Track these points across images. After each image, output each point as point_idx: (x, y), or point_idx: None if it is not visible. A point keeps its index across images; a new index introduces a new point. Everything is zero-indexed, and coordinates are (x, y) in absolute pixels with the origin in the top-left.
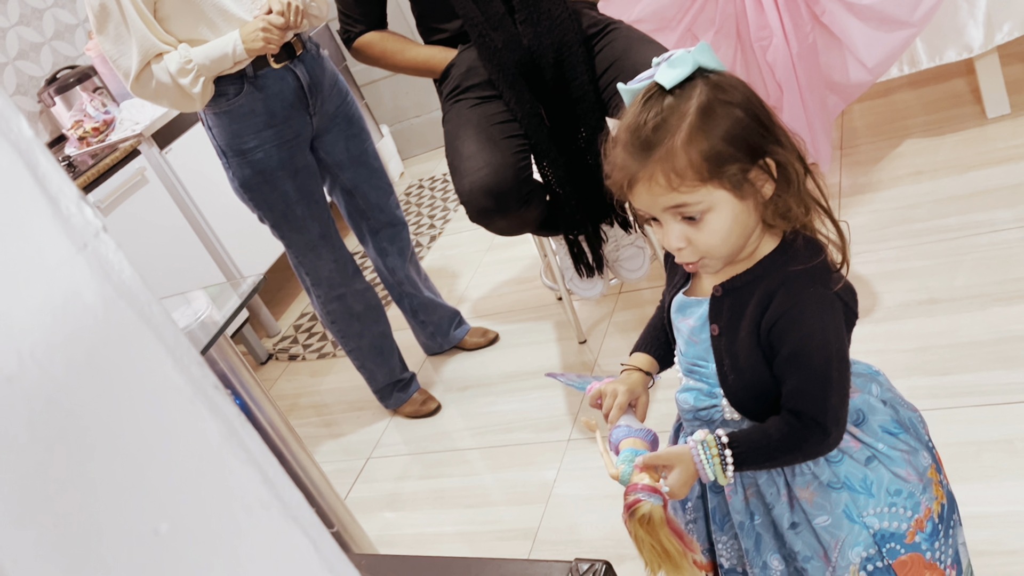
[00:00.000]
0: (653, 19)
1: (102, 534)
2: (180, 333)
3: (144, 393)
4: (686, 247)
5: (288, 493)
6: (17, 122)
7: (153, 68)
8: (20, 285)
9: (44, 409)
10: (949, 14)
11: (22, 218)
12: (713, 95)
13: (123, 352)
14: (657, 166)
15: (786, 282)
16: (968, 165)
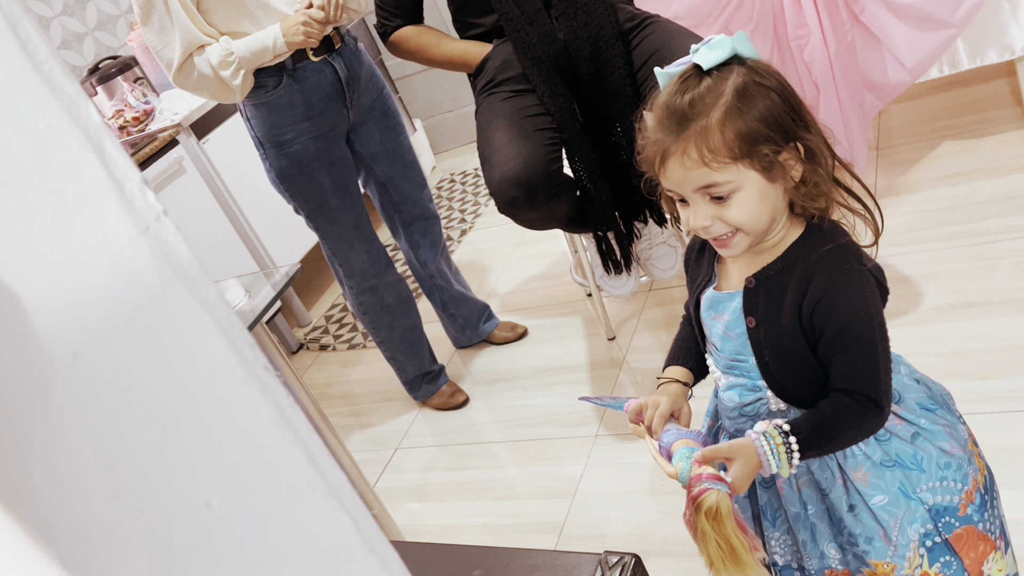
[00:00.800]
0: (689, 16)
1: (158, 506)
2: (234, 315)
3: (199, 372)
4: (713, 224)
5: (332, 474)
6: (87, 108)
7: (195, 60)
8: (87, 264)
9: (105, 385)
10: (991, 14)
11: (90, 200)
12: (750, 78)
13: (180, 332)
14: (691, 141)
15: (821, 262)
16: (1007, 168)
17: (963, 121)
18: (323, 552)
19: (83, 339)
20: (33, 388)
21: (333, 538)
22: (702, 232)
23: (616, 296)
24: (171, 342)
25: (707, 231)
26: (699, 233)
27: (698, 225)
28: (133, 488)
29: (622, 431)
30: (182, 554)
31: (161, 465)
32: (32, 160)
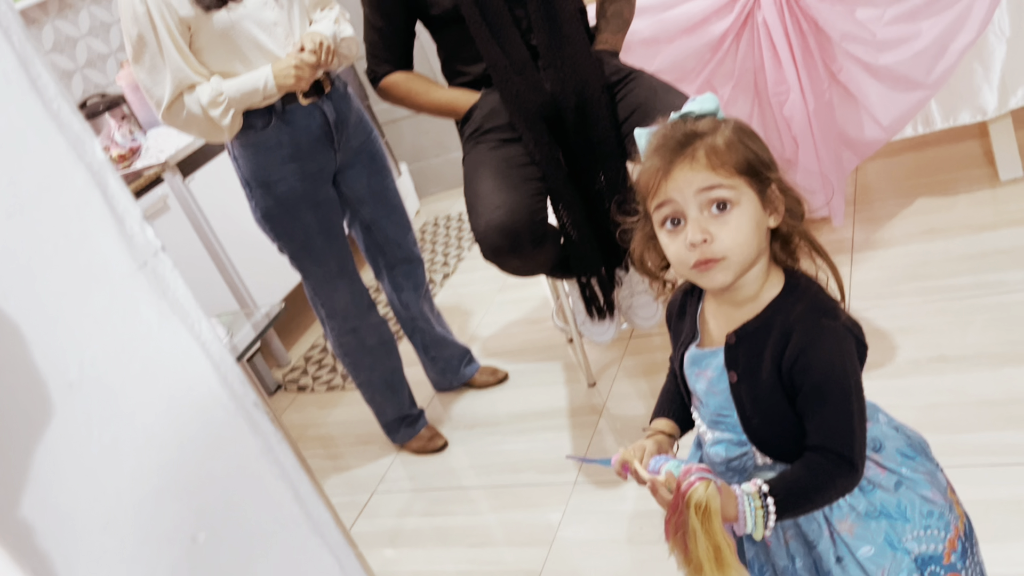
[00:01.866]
0: (672, 71)
1: (146, 538)
2: (225, 350)
3: (191, 406)
4: (709, 241)
5: (317, 512)
6: (92, 145)
7: (185, 99)
8: (86, 297)
9: (100, 416)
10: (964, 77)
11: (92, 234)
12: (740, 125)
13: (173, 365)
14: (699, 149)
15: (800, 319)
16: (980, 226)
17: (937, 179)
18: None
19: (79, 371)
20: (29, 417)
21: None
22: (691, 254)
23: (597, 343)
24: (165, 375)
25: (699, 251)
26: (686, 260)
27: (695, 239)
28: (123, 518)
29: (601, 479)
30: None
31: (152, 497)
32: (39, 194)
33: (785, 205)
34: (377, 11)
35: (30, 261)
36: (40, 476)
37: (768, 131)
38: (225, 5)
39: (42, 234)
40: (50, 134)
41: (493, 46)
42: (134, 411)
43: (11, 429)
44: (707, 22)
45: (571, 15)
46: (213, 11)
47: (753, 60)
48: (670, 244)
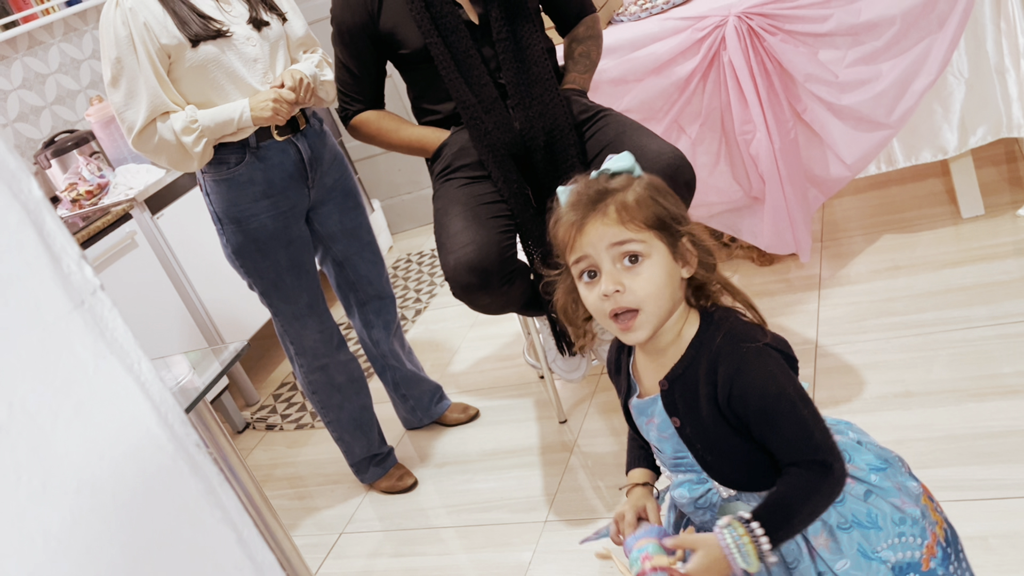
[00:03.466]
0: (641, 109)
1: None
2: (166, 391)
3: (128, 447)
4: (622, 292)
5: (262, 555)
6: (27, 183)
7: (158, 125)
8: (18, 338)
9: (29, 459)
10: (925, 117)
11: (25, 273)
12: (652, 183)
13: (109, 406)
14: (610, 206)
15: (720, 350)
16: (944, 262)
17: (901, 216)
18: None
19: (8, 413)
20: None
21: None
22: (606, 304)
23: (568, 380)
24: (101, 417)
25: (614, 300)
26: (603, 309)
27: (608, 290)
28: (52, 568)
29: (572, 516)
30: None
31: (84, 544)
32: None
33: (697, 257)
34: (347, 50)
35: None
36: None
37: (736, 169)
38: (214, 40)
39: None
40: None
41: (462, 85)
42: (67, 454)
43: None
44: (674, 62)
45: (539, 55)
46: (198, 45)
47: (720, 99)
48: (588, 295)
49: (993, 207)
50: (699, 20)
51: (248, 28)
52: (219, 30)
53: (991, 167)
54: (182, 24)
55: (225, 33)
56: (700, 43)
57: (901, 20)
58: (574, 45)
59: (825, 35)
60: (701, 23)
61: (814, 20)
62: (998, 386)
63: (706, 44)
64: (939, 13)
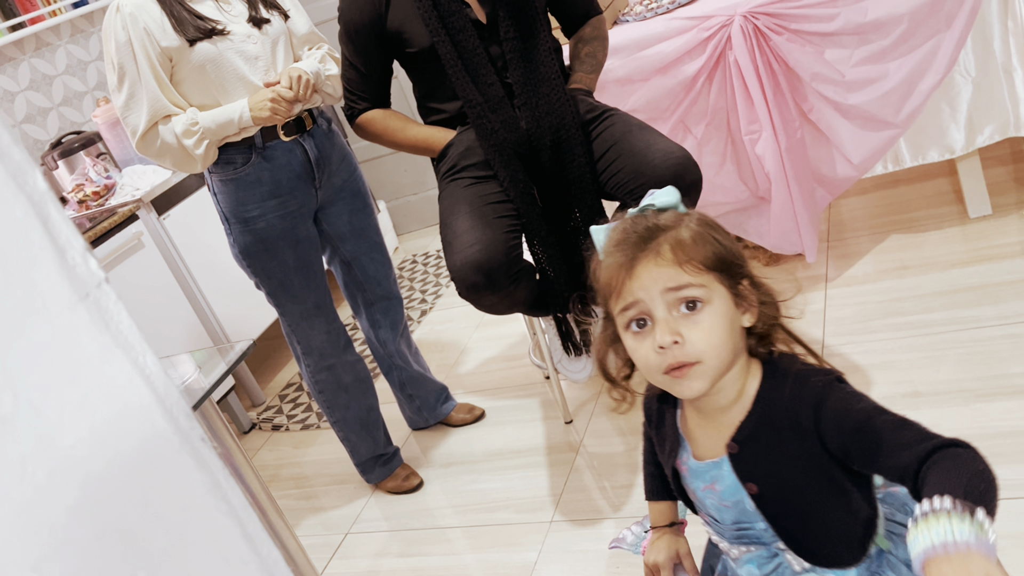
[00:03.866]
0: (647, 109)
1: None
2: (171, 384)
3: (133, 439)
4: (680, 343)
5: (266, 550)
6: (33, 175)
7: (160, 128)
8: (23, 330)
9: (35, 450)
10: (932, 116)
11: (30, 266)
12: (705, 218)
13: (114, 398)
14: (664, 245)
15: (795, 396)
16: (951, 262)
17: (908, 217)
18: None
19: (14, 404)
20: None
21: None
22: (661, 357)
23: (574, 380)
24: (106, 409)
25: (670, 353)
26: (655, 364)
27: (664, 341)
28: (58, 558)
29: (578, 517)
30: None
31: (89, 534)
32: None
33: (759, 301)
34: (354, 48)
35: None
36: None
37: (742, 169)
38: (209, 38)
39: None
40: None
41: (468, 84)
42: (72, 446)
43: None
44: (680, 62)
45: (546, 54)
46: (196, 43)
47: (726, 99)
48: (637, 347)
49: (1000, 207)
50: (705, 20)
51: (248, 26)
52: (214, 28)
53: (998, 167)
54: (179, 25)
55: (222, 31)
56: (706, 43)
57: (908, 19)
58: (580, 46)
59: (832, 34)
60: (707, 23)
61: (820, 19)
62: (1006, 386)
63: (712, 44)
64: (947, 12)
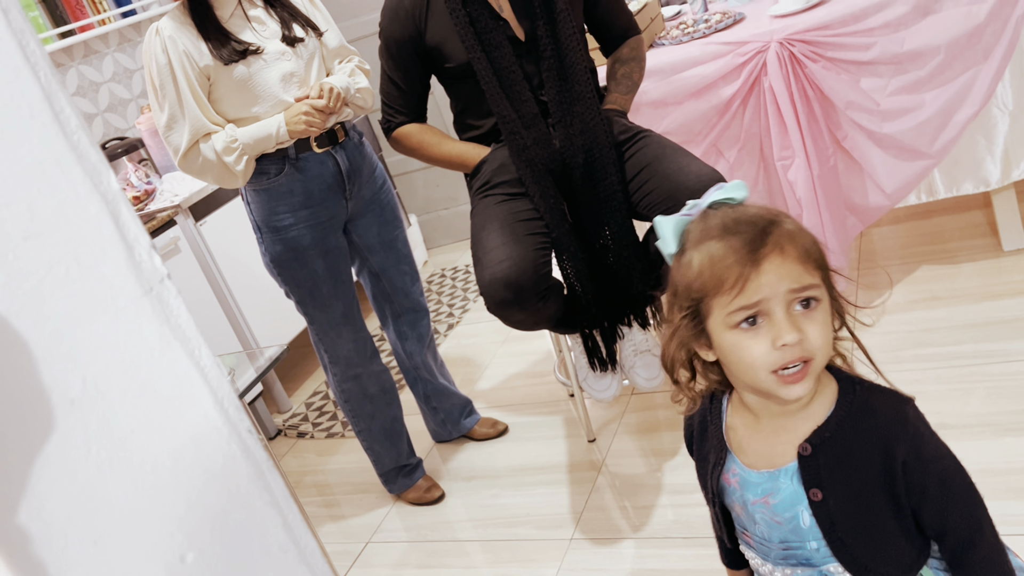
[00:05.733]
0: (680, 131)
1: (136, 554)
2: (224, 377)
3: (186, 429)
4: (801, 341)
5: (305, 540)
6: (107, 176)
7: (201, 147)
8: (92, 319)
9: (98, 433)
10: (967, 148)
11: (101, 260)
12: (787, 214)
13: (171, 388)
14: (785, 239)
15: (880, 411)
16: (984, 295)
17: (941, 248)
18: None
19: (82, 388)
20: (32, 429)
21: None
22: (781, 354)
23: (599, 399)
24: (163, 398)
25: (790, 350)
26: (770, 361)
27: (790, 340)
28: (115, 535)
29: (598, 536)
30: None
31: (142, 514)
32: (54, 220)
33: (834, 301)
34: (394, 63)
35: (42, 282)
36: (38, 487)
37: (773, 195)
38: (244, 59)
39: (55, 257)
40: (69, 164)
41: (503, 100)
42: (132, 430)
43: (14, 439)
44: (715, 86)
45: (581, 74)
46: (232, 64)
47: (759, 125)
48: (748, 346)
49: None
50: (741, 45)
51: (282, 44)
52: (248, 48)
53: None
54: (215, 47)
55: (256, 51)
56: (741, 68)
57: (946, 50)
58: (617, 66)
59: (867, 63)
60: (743, 48)
61: (857, 48)
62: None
63: (747, 69)
64: (984, 44)
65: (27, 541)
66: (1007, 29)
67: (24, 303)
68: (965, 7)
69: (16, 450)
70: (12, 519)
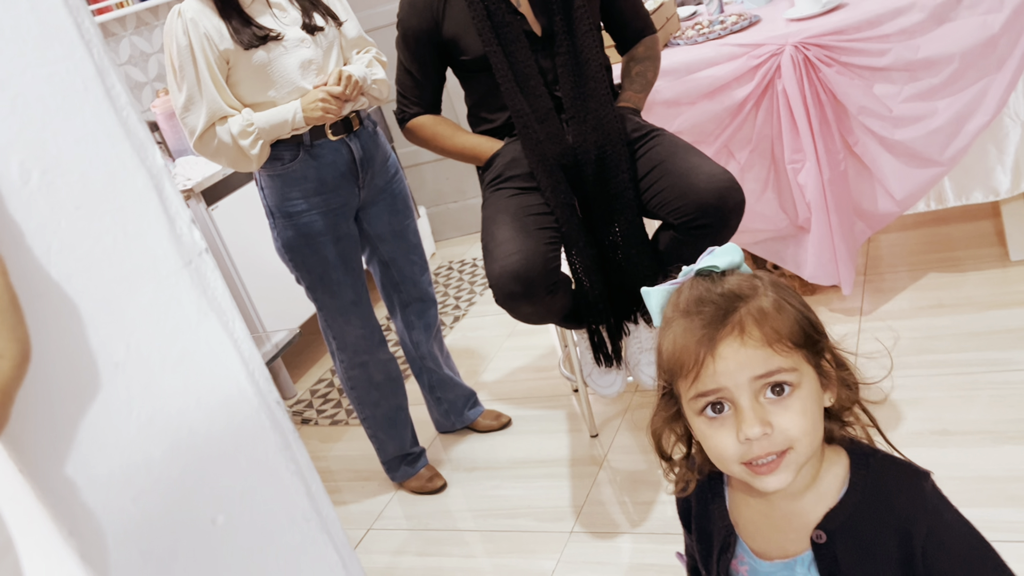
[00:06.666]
0: (692, 132)
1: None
2: (255, 349)
3: (220, 396)
4: (770, 434)
5: (327, 511)
6: (152, 151)
7: (217, 129)
8: (137, 286)
9: (140, 396)
10: (978, 157)
11: (146, 231)
12: (775, 280)
13: (207, 357)
14: (749, 321)
15: (896, 490)
16: (989, 304)
17: (948, 256)
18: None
19: (126, 353)
20: (79, 390)
21: (320, 573)
22: (746, 449)
23: (603, 395)
24: (200, 366)
25: (756, 444)
26: (736, 454)
27: (754, 433)
28: (152, 493)
29: (597, 529)
30: (186, 562)
31: (179, 475)
32: (104, 190)
33: (839, 380)
34: (410, 54)
35: (92, 249)
36: (84, 443)
37: (783, 197)
38: (264, 44)
39: (104, 226)
40: (119, 138)
41: (517, 94)
42: (171, 395)
43: (63, 397)
44: (728, 87)
45: (596, 70)
46: (252, 49)
47: (771, 127)
48: (713, 435)
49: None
50: (756, 48)
51: (301, 32)
52: (268, 35)
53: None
54: (236, 32)
55: (277, 38)
56: (755, 70)
57: (960, 59)
58: (632, 64)
59: (882, 69)
60: (758, 50)
61: (871, 54)
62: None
63: (761, 71)
64: (998, 55)
65: (73, 493)
66: (1022, 40)
67: (75, 269)
68: (980, 17)
69: (65, 408)
70: (60, 471)
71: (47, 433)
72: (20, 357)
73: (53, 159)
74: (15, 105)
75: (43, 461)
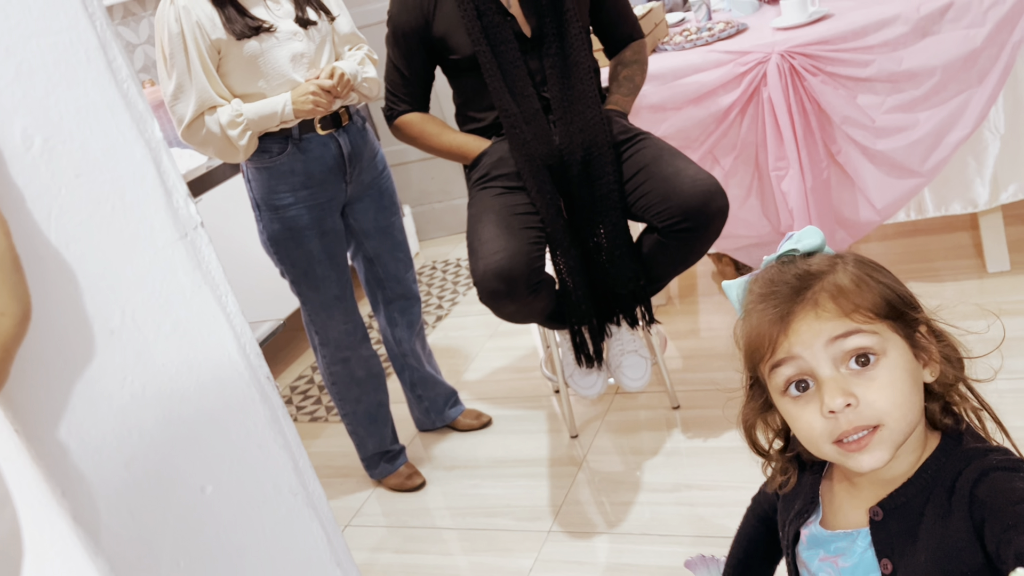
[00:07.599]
0: (678, 137)
1: (161, 480)
2: (246, 324)
3: (211, 368)
4: (855, 405)
5: (313, 485)
6: (151, 125)
7: (206, 118)
8: (134, 255)
9: (133, 363)
10: (958, 169)
11: (143, 202)
12: (862, 258)
13: (201, 328)
14: (822, 294)
15: (964, 465)
16: (965, 315)
17: (926, 266)
18: (293, 558)
19: (121, 320)
20: (75, 354)
21: (305, 546)
22: (832, 424)
23: (583, 396)
24: (192, 337)
25: (844, 418)
26: (824, 432)
27: (835, 404)
28: (144, 459)
29: (575, 529)
30: (174, 529)
31: (169, 443)
32: (103, 160)
33: (941, 354)
34: (400, 52)
35: (90, 217)
36: (78, 407)
37: (766, 204)
38: (256, 35)
39: (103, 195)
40: (119, 110)
41: (505, 95)
42: (164, 364)
43: (59, 360)
44: (714, 94)
45: (585, 73)
46: (244, 40)
47: (756, 134)
48: (799, 415)
49: (1019, 264)
50: (743, 55)
51: (294, 25)
52: (261, 26)
53: (1020, 224)
54: (228, 22)
55: (269, 29)
56: (741, 77)
57: (942, 72)
58: (619, 68)
59: (865, 80)
60: (744, 58)
61: (856, 64)
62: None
63: (747, 79)
64: (979, 68)
65: (65, 456)
66: (1003, 54)
67: (73, 236)
68: (963, 31)
69: (60, 371)
70: (53, 434)
71: (42, 396)
72: (21, 315)
73: (55, 127)
74: (19, 72)
75: (38, 423)
